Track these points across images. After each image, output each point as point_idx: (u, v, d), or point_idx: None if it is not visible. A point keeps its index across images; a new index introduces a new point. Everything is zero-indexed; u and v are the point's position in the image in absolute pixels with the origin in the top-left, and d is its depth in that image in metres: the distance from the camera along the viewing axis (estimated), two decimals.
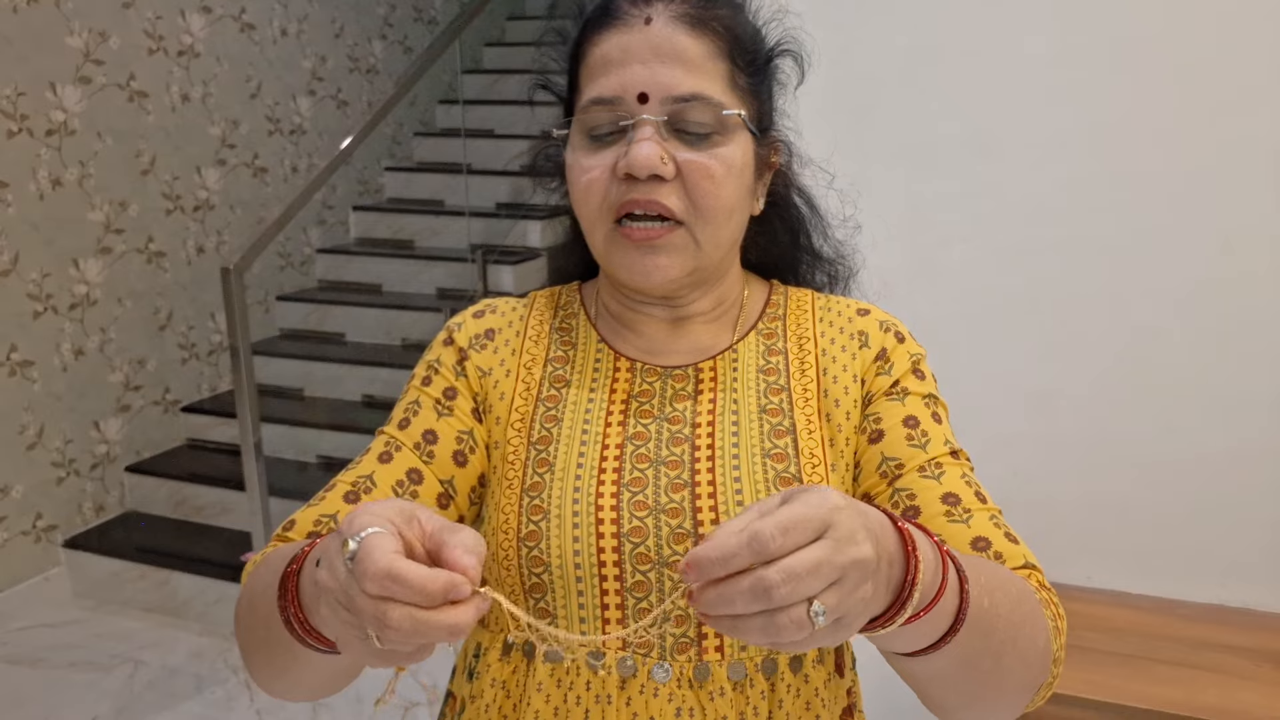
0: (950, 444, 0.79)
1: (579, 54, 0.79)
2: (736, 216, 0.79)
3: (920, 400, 0.80)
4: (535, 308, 0.89)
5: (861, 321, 0.85)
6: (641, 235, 0.75)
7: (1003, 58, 1.65)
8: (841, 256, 0.94)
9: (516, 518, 0.77)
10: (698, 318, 0.84)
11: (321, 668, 0.65)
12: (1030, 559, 0.73)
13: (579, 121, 0.77)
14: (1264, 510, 1.66)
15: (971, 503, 0.75)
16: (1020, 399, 1.76)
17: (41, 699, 2.53)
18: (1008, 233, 1.70)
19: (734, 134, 0.76)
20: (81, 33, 3.04)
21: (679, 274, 0.77)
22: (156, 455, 3.40)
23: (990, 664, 0.63)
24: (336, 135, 4.03)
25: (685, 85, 0.73)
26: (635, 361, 0.83)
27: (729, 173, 0.75)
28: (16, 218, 2.88)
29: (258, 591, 0.67)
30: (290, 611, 0.59)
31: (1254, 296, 1.61)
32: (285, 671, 0.68)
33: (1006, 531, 0.74)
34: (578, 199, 0.78)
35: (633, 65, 0.74)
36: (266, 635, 0.65)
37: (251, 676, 0.71)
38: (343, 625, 0.52)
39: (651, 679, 0.75)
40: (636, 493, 0.76)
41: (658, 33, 0.74)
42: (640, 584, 0.75)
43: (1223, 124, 1.57)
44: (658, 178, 0.73)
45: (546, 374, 0.84)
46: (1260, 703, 1.44)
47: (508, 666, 0.79)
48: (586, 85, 0.77)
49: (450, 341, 0.86)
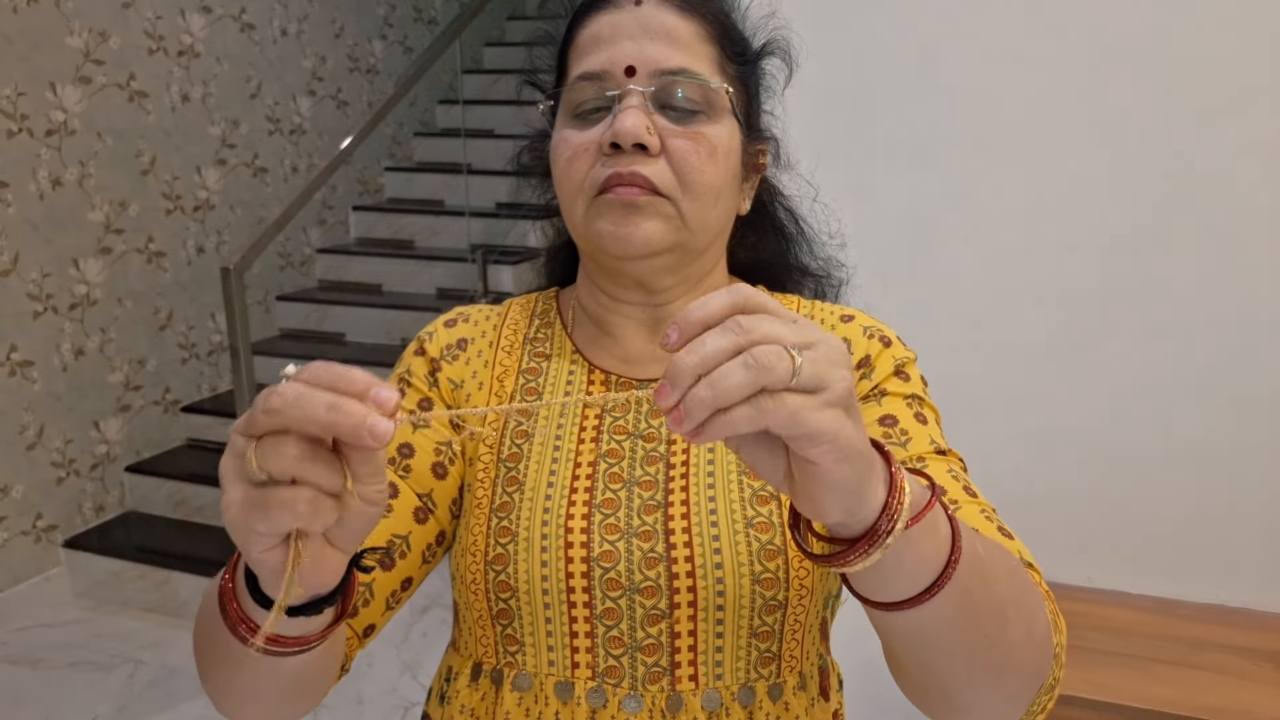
0: (936, 444, 0.74)
1: (568, 40, 0.78)
2: (723, 201, 0.77)
3: (901, 400, 0.76)
4: (510, 316, 0.86)
5: (845, 328, 0.81)
6: (626, 193, 0.72)
7: (1003, 58, 1.65)
8: (828, 273, 0.92)
9: (484, 539, 0.74)
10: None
11: (262, 672, 0.60)
12: (1026, 556, 0.68)
13: (566, 99, 0.76)
14: (1264, 510, 1.66)
15: (959, 495, 0.70)
16: (1020, 399, 1.75)
17: (41, 699, 2.53)
18: (1008, 233, 1.70)
19: (721, 116, 0.75)
20: (81, 33, 3.04)
21: (661, 243, 0.74)
22: (156, 455, 3.40)
23: (995, 624, 0.57)
24: (336, 135, 4.03)
25: (674, 60, 0.73)
26: (610, 375, 0.81)
27: (715, 151, 0.74)
28: (16, 218, 2.88)
29: (205, 603, 0.65)
30: (229, 608, 0.55)
31: (1254, 296, 1.61)
32: (231, 680, 0.63)
33: (1000, 525, 0.69)
34: (560, 175, 0.76)
35: (621, 41, 0.73)
36: (213, 642, 0.61)
37: (207, 692, 0.67)
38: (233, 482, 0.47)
39: (622, 709, 0.72)
40: (608, 515, 0.74)
41: (648, 11, 0.74)
42: (610, 611, 0.72)
43: (1222, 124, 1.57)
44: (643, 150, 0.72)
45: (519, 386, 0.81)
46: (1260, 703, 1.44)
47: (476, 693, 0.77)
48: (574, 65, 0.76)
49: (422, 352, 0.83)
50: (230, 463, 0.46)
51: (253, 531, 0.46)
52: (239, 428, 0.46)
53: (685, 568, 0.72)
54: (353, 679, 2.59)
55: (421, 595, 3.02)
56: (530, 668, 0.74)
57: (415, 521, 0.76)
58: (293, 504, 0.45)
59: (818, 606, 0.76)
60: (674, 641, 0.72)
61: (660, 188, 0.72)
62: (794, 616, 0.73)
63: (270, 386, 0.46)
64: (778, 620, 0.73)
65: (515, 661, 0.75)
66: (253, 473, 0.45)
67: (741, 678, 0.73)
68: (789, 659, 0.75)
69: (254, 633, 0.54)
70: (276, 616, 0.50)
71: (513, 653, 0.75)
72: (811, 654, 0.77)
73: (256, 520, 0.45)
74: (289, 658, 0.56)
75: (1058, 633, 0.64)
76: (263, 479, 0.45)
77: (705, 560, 0.72)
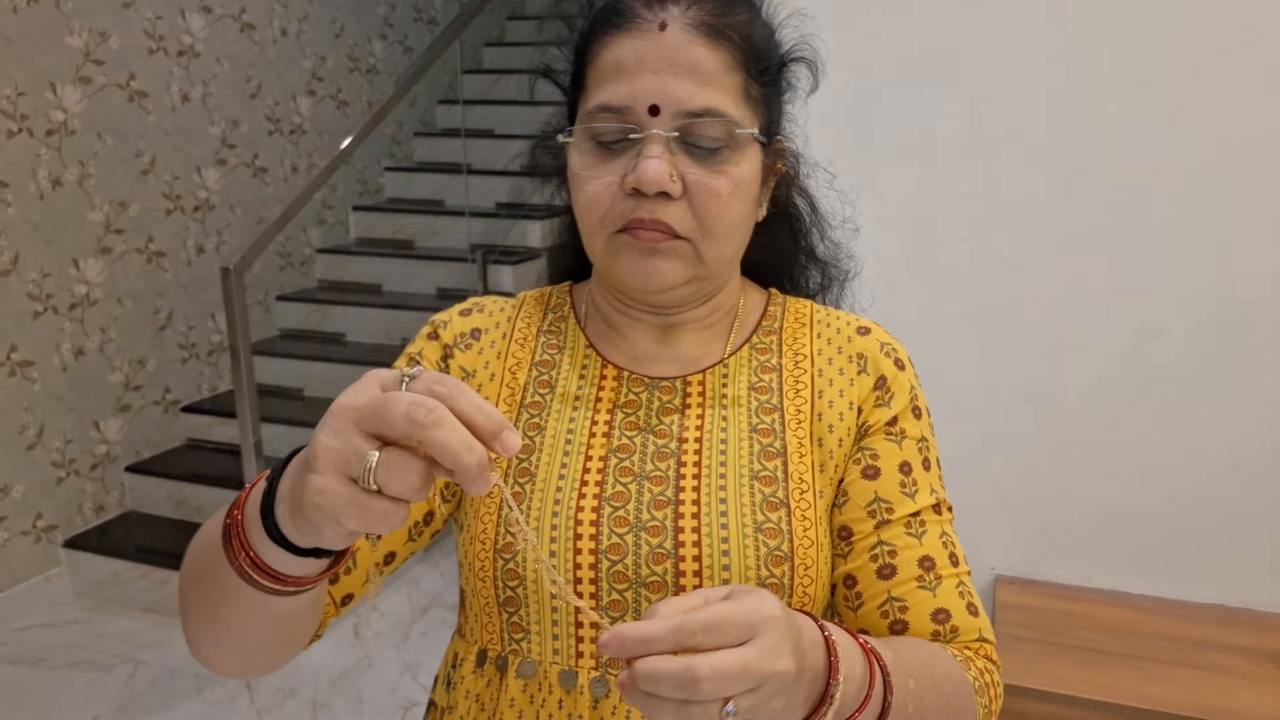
0: (936, 494, 0.79)
1: (586, 52, 0.77)
2: (741, 232, 0.77)
3: (914, 445, 0.79)
4: (524, 309, 0.87)
5: (861, 342, 0.82)
6: (646, 236, 0.73)
7: (1003, 58, 1.66)
8: (836, 260, 0.92)
9: (494, 528, 0.75)
10: (690, 325, 0.82)
11: (250, 611, 0.61)
12: (985, 633, 0.76)
13: (586, 126, 0.75)
14: (1264, 510, 1.66)
15: (944, 567, 0.76)
16: (1020, 399, 1.76)
17: (41, 699, 2.53)
18: (1008, 233, 1.71)
19: (744, 149, 0.74)
20: (81, 33, 3.04)
21: (678, 281, 0.75)
22: (156, 455, 3.40)
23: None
24: (336, 135, 4.03)
25: (698, 100, 0.71)
26: (622, 370, 0.81)
27: (737, 190, 0.74)
28: (16, 218, 2.88)
29: (197, 540, 0.65)
30: (235, 540, 0.56)
31: (1254, 296, 1.61)
32: (215, 615, 0.63)
33: (970, 602, 0.76)
34: (581, 208, 0.76)
35: (645, 74, 0.71)
36: (205, 575, 0.62)
37: (185, 635, 0.67)
38: (333, 471, 0.48)
39: (624, 700, 0.74)
40: (618, 508, 0.74)
41: (672, 41, 0.71)
42: (616, 603, 0.73)
43: (1222, 124, 1.57)
44: (664, 195, 0.72)
45: (531, 379, 0.82)
46: (1260, 703, 1.44)
47: (481, 679, 0.78)
48: (595, 89, 0.74)
49: (435, 336, 0.84)
50: (337, 452, 0.48)
51: (342, 525, 0.48)
52: (354, 415, 0.48)
53: (693, 566, 0.73)
54: (353, 679, 2.59)
55: (422, 595, 3.02)
56: (535, 655, 0.75)
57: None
58: (391, 517, 0.48)
59: (821, 607, 0.77)
60: None
61: (680, 231, 0.73)
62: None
63: (395, 391, 0.48)
64: None
65: (520, 649, 0.76)
66: (365, 482, 0.47)
67: None
68: None
69: (257, 567, 0.55)
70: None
71: (518, 640, 0.76)
72: None
73: (351, 520, 0.48)
74: (280, 598, 0.58)
75: (990, 717, 0.74)
76: (373, 490, 0.47)
77: (713, 562, 0.72)
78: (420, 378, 0.49)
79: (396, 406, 0.47)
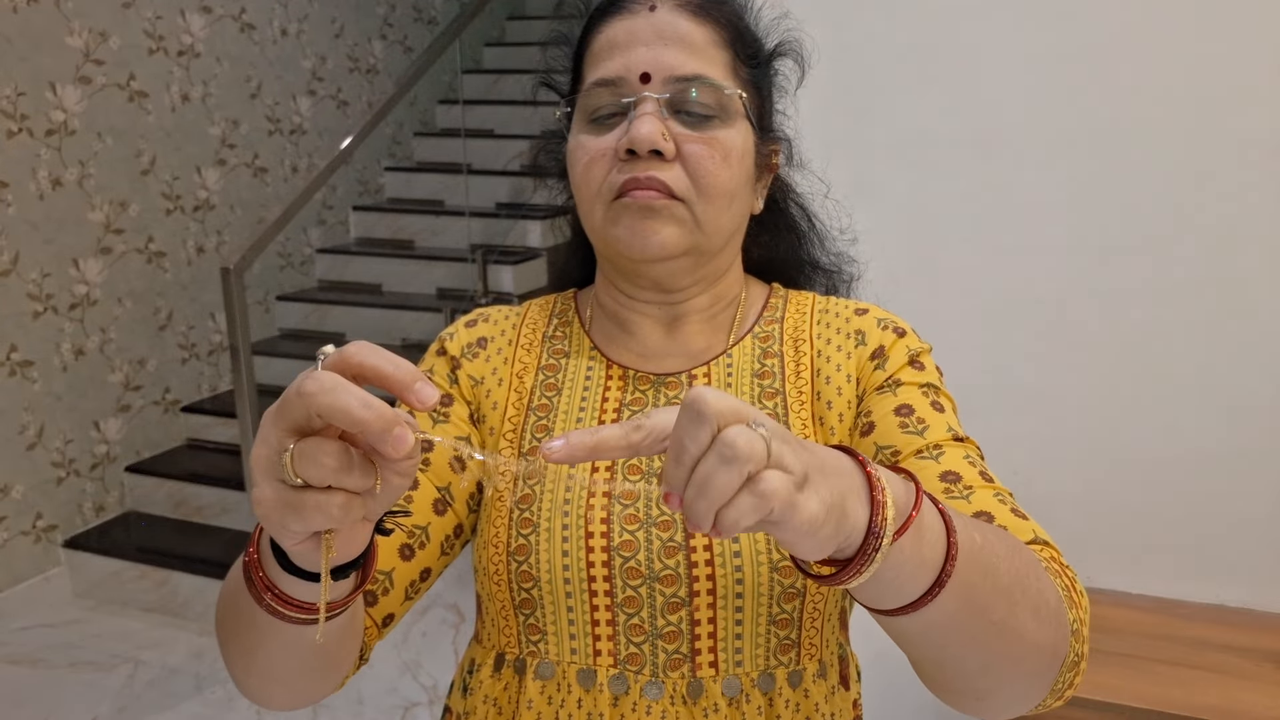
0: (954, 430, 0.75)
1: (584, 44, 0.80)
2: (737, 204, 0.78)
3: (916, 389, 0.77)
4: (529, 316, 0.88)
5: (859, 320, 0.83)
6: (643, 196, 0.73)
7: (1003, 58, 1.65)
8: (839, 268, 0.93)
9: (506, 531, 0.76)
10: (694, 316, 0.83)
11: (285, 643, 0.61)
12: (1041, 534, 0.68)
13: (582, 104, 0.77)
14: (1264, 510, 1.66)
15: (974, 480, 0.71)
16: (1020, 399, 1.75)
17: (41, 699, 2.53)
18: (1008, 233, 1.70)
19: (735, 119, 0.76)
20: (81, 33, 3.04)
21: (677, 248, 0.75)
22: (156, 455, 3.40)
23: (1003, 609, 0.57)
24: (336, 135, 4.03)
25: (688, 66, 0.74)
26: (628, 370, 0.82)
27: (729, 155, 0.75)
28: (16, 218, 2.88)
29: (226, 582, 0.66)
30: (255, 576, 0.56)
31: (1253, 296, 1.61)
32: (253, 652, 0.64)
33: (1014, 508, 0.69)
34: (578, 180, 0.77)
35: (636, 47, 0.75)
36: (236, 614, 0.63)
37: (231, 676, 0.68)
38: (265, 477, 0.47)
39: (644, 696, 0.74)
40: (627, 505, 0.75)
41: (662, 18, 0.76)
42: (631, 599, 0.74)
43: (1222, 124, 1.57)
44: (658, 156, 0.73)
45: (538, 382, 0.83)
46: (1260, 703, 1.44)
47: (499, 683, 0.79)
48: (590, 70, 0.78)
49: (443, 352, 0.85)
50: (264, 457, 0.47)
51: (286, 528, 0.47)
52: (272, 415, 0.47)
53: (704, 555, 0.73)
54: (352, 679, 2.59)
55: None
56: (553, 656, 0.76)
57: (434, 513, 0.78)
58: (327, 508, 0.46)
59: (837, 595, 0.77)
60: (694, 629, 0.74)
61: (676, 191, 0.74)
62: (813, 604, 0.75)
63: (306, 370, 0.46)
64: (796, 608, 0.74)
65: (538, 651, 0.77)
66: (289, 477, 0.46)
67: (761, 664, 0.75)
68: (808, 646, 0.76)
69: (279, 599, 0.55)
70: (323, 617, 0.53)
71: (535, 642, 0.77)
72: (831, 642, 0.79)
73: (290, 520, 0.47)
74: (311, 627, 0.57)
75: (1075, 608, 0.63)
76: (298, 484, 0.46)
77: (724, 548, 0.73)
78: (332, 355, 0.47)
79: (291, 389, 0.45)
